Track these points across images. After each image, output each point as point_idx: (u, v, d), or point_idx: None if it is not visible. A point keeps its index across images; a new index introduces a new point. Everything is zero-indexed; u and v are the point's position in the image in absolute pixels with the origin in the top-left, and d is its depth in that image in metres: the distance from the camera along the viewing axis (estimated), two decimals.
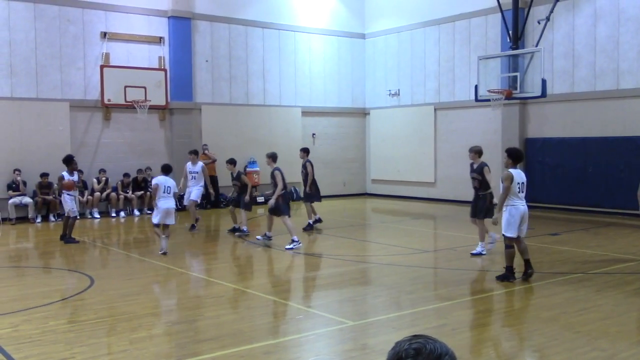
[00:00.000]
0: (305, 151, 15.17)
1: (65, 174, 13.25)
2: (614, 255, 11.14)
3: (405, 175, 22.30)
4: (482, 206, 11.14)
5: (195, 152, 15.29)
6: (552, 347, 6.41)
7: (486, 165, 11.24)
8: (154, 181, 12.39)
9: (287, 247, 11.98)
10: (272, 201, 12.26)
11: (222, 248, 13.21)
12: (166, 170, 12.23)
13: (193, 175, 14.90)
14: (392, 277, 9.86)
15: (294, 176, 21.40)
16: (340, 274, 10.11)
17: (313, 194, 14.72)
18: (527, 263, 9.14)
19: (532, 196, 18.21)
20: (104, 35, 18.29)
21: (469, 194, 19.80)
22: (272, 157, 12.84)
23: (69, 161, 13.48)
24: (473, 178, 11.36)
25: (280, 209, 12.24)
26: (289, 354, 6.48)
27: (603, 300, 8.36)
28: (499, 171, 18.85)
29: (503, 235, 9.10)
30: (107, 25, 18.38)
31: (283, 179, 12.26)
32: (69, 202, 13.19)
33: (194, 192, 14.94)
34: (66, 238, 13.24)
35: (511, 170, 8.93)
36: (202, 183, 14.93)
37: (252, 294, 8.86)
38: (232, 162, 14.44)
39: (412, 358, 1.91)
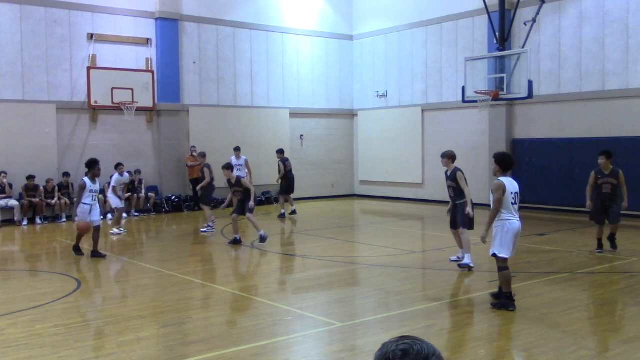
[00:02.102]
0: (279, 152, 18.28)
1: (86, 180, 11.64)
2: (600, 255, 11.22)
3: (393, 177, 22.35)
4: (461, 216, 10.10)
5: (238, 149, 18.09)
6: (540, 346, 6.45)
7: (459, 170, 10.22)
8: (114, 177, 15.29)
9: (202, 229, 14.65)
10: (198, 188, 15.12)
11: (210, 250, 13.17)
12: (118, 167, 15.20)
13: (238, 167, 17.08)
14: (380, 278, 9.88)
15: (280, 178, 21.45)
16: (328, 275, 10.13)
17: (282, 188, 17.77)
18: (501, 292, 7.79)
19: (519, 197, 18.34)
20: (91, 36, 18.19)
21: None
22: (203, 156, 15.96)
23: (92, 165, 11.77)
24: (448, 186, 10.37)
25: (202, 198, 15.16)
26: (278, 355, 6.48)
27: (590, 300, 8.43)
28: (486, 174, 18.99)
29: (494, 256, 7.66)
30: (94, 26, 18.29)
31: (210, 173, 15.02)
32: (87, 212, 11.55)
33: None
34: (74, 245, 11.90)
35: (502, 178, 7.63)
36: (244, 173, 17.42)
37: (241, 295, 8.85)
38: (229, 167, 13.26)
39: (400, 359, 1.91)
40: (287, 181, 17.78)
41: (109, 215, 17.75)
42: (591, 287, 9.03)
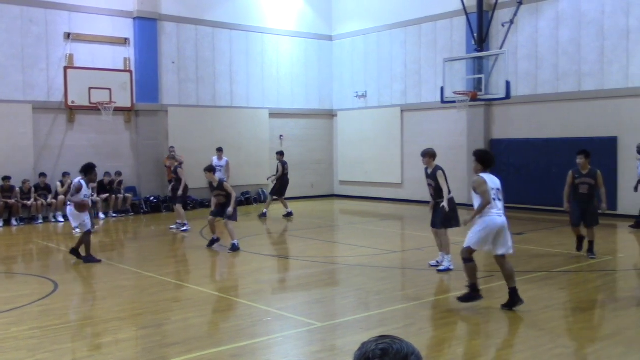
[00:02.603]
0: (280, 154, 18.20)
1: (83, 182, 11.26)
2: (576, 253, 11.35)
3: (373, 177, 22.42)
4: (440, 215, 9.98)
5: (220, 150, 18.61)
6: (517, 344, 6.52)
7: (440, 169, 10.12)
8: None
9: (182, 229, 14.90)
10: (180, 192, 15.00)
11: (189, 251, 13.10)
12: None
13: (219, 168, 16.83)
14: (360, 278, 9.90)
15: (260, 177, 21.41)
16: (308, 275, 10.13)
17: (276, 189, 17.92)
18: (513, 293, 7.60)
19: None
20: (68, 36, 17.99)
21: None
22: (173, 157, 16.50)
23: (89, 170, 11.46)
24: (428, 184, 10.28)
25: (175, 198, 15.27)
26: (257, 356, 6.46)
27: (566, 298, 8.53)
28: (465, 174, 19.11)
29: (466, 248, 7.71)
30: (70, 26, 18.09)
31: (184, 175, 15.29)
32: (81, 215, 11.21)
33: None
34: (84, 257, 11.14)
35: (482, 175, 7.70)
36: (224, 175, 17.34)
37: (220, 296, 8.82)
38: (211, 169, 12.70)
39: (379, 358, 1.92)
40: (283, 183, 17.81)
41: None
42: (568, 286, 9.14)
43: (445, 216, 9.94)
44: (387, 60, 21.75)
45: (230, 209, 12.09)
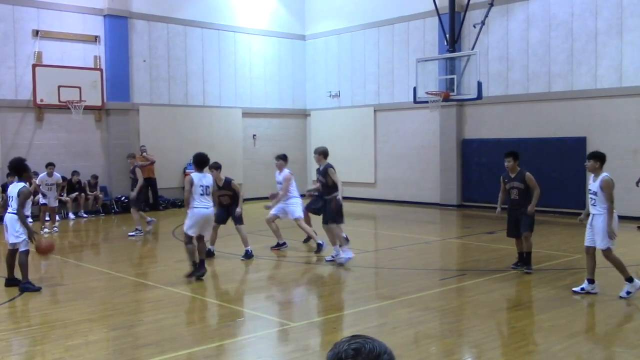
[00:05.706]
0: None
1: (28, 186, 9.05)
2: (546, 252, 11.51)
3: (346, 176, 22.34)
4: (330, 210, 10.54)
5: (284, 158, 12.98)
6: (489, 342, 6.58)
7: (331, 166, 10.71)
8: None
9: (130, 233, 14.30)
10: (133, 193, 14.26)
11: (160, 252, 12.98)
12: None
13: (279, 182, 12.68)
14: (333, 277, 9.90)
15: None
16: (281, 275, 10.10)
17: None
18: (202, 264, 9.55)
19: (469, 196, 18.70)
20: (36, 33, 17.69)
21: (408, 194, 20.21)
22: (133, 157, 15.37)
23: (24, 168, 8.91)
24: (318, 181, 10.83)
25: (132, 201, 14.51)
26: (230, 357, 6.43)
27: (537, 296, 8.64)
28: (436, 172, 19.25)
29: (185, 233, 9.55)
30: (39, 23, 17.79)
31: (141, 175, 14.48)
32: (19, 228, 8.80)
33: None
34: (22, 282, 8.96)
35: (192, 174, 9.57)
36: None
37: (192, 297, 8.75)
38: (218, 167, 11.40)
39: (352, 358, 1.92)
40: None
41: (56, 217, 17.29)
42: (538, 284, 9.26)
43: (335, 212, 10.50)
44: (360, 60, 21.81)
45: (238, 210, 11.22)
